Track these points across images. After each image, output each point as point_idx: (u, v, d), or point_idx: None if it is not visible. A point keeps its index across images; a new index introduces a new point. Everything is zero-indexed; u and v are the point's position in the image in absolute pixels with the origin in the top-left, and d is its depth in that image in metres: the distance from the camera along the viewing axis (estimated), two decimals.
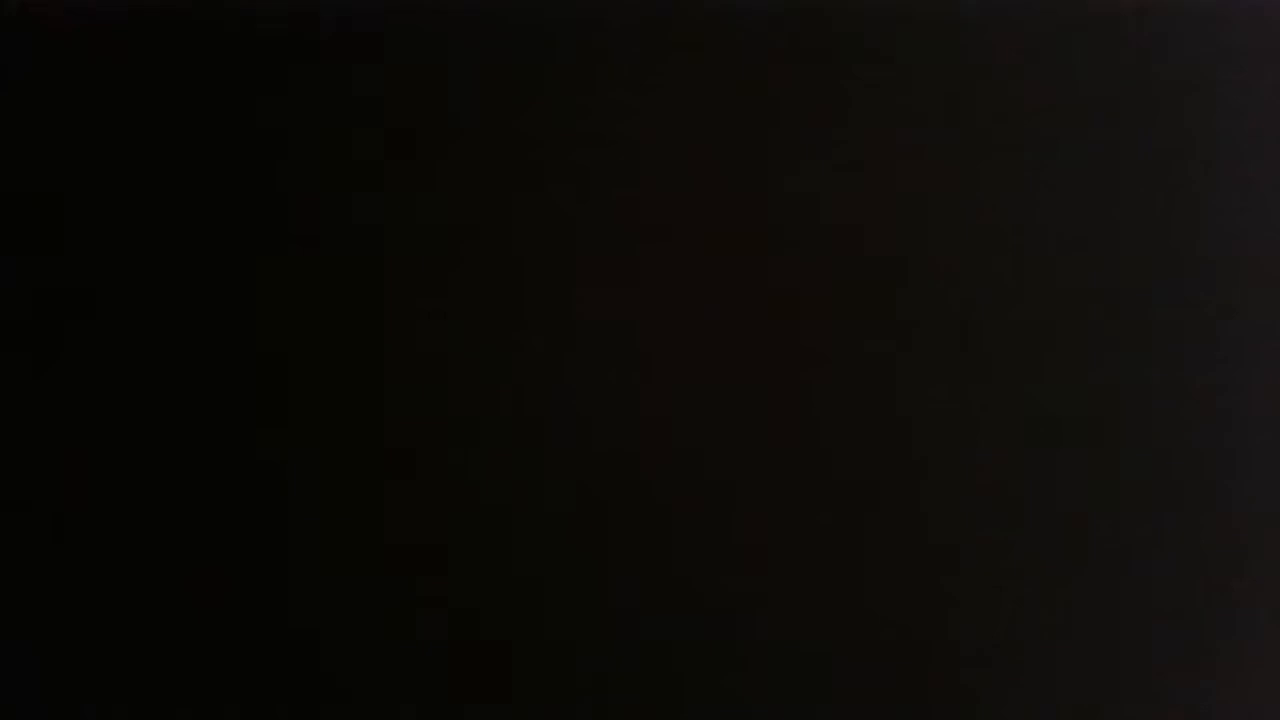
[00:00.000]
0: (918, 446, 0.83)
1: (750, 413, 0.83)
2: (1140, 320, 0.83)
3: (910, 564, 0.83)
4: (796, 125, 0.84)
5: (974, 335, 0.83)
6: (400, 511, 0.83)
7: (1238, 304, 0.84)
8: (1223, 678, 0.83)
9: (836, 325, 0.83)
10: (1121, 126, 0.84)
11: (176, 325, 0.83)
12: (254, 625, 0.83)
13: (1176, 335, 0.83)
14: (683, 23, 0.84)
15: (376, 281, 0.83)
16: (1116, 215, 0.84)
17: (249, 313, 0.83)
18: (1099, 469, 0.83)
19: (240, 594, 0.83)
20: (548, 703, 0.83)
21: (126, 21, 0.84)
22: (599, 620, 0.83)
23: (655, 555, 0.83)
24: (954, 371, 0.83)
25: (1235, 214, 0.84)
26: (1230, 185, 0.84)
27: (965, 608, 0.83)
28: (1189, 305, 0.84)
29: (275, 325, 0.83)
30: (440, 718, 0.83)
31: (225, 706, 0.83)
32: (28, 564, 0.83)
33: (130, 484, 0.83)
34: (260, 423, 0.83)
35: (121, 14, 0.84)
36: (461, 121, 0.84)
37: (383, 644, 0.83)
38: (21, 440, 0.83)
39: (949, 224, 0.83)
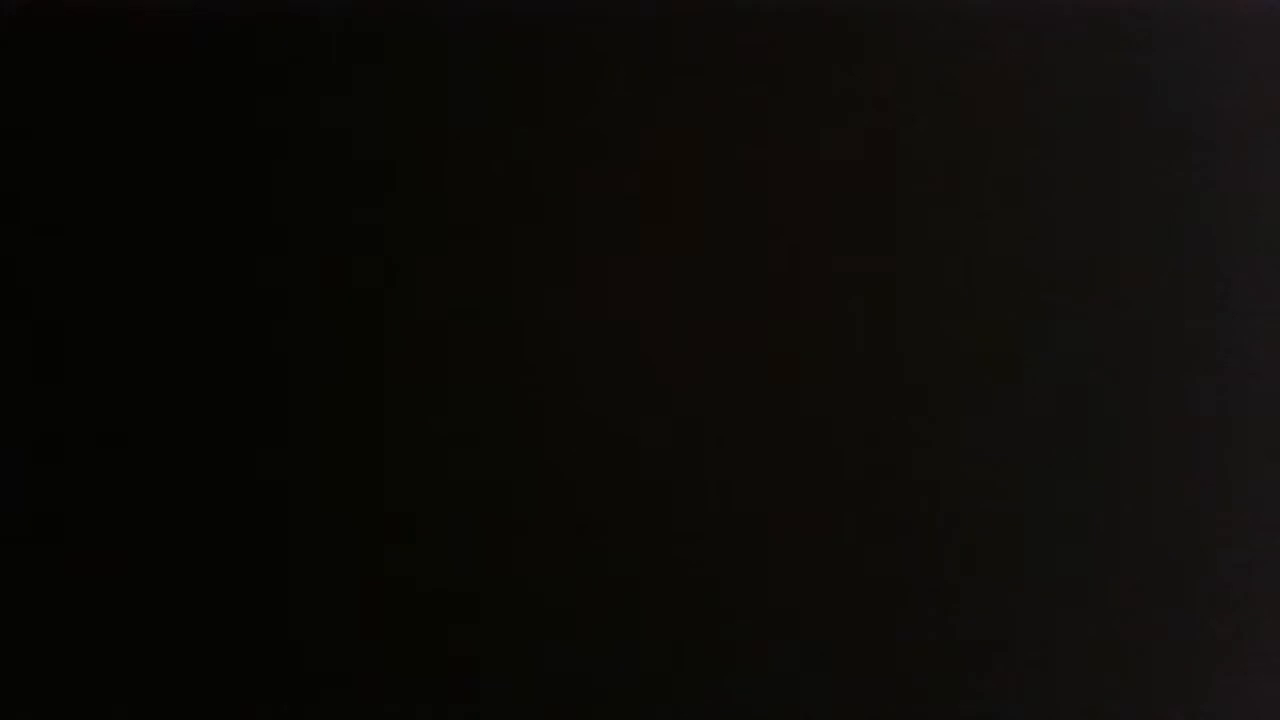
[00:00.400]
0: (918, 447, 0.83)
1: (750, 413, 0.83)
2: (1140, 321, 0.83)
3: (910, 564, 0.83)
4: (795, 125, 0.84)
5: (974, 334, 0.83)
6: (400, 511, 0.83)
7: (1238, 304, 0.84)
8: (1223, 678, 0.83)
9: (836, 325, 0.83)
10: (1121, 127, 0.84)
11: (175, 326, 0.83)
12: (253, 627, 0.83)
13: (1176, 335, 0.84)
14: (683, 22, 0.84)
15: (376, 281, 0.83)
16: (1116, 215, 0.84)
17: (248, 312, 0.83)
18: (1098, 469, 0.83)
19: (239, 595, 0.83)
20: (547, 702, 0.83)
21: (126, 21, 0.84)
22: (598, 619, 0.83)
23: (655, 554, 0.83)
24: (954, 371, 0.83)
25: (1235, 214, 0.84)
26: (1230, 185, 0.84)
27: (965, 604, 0.83)
28: (1189, 305, 0.84)
29: (275, 325, 0.83)
30: (439, 717, 0.83)
31: (222, 707, 0.83)
32: (28, 559, 0.83)
33: (126, 486, 0.83)
34: (259, 423, 0.83)
35: (121, 14, 0.84)
36: (462, 122, 0.84)
37: (382, 645, 0.83)
38: (22, 438, 0.83)
39: (949, 224, 0.83)
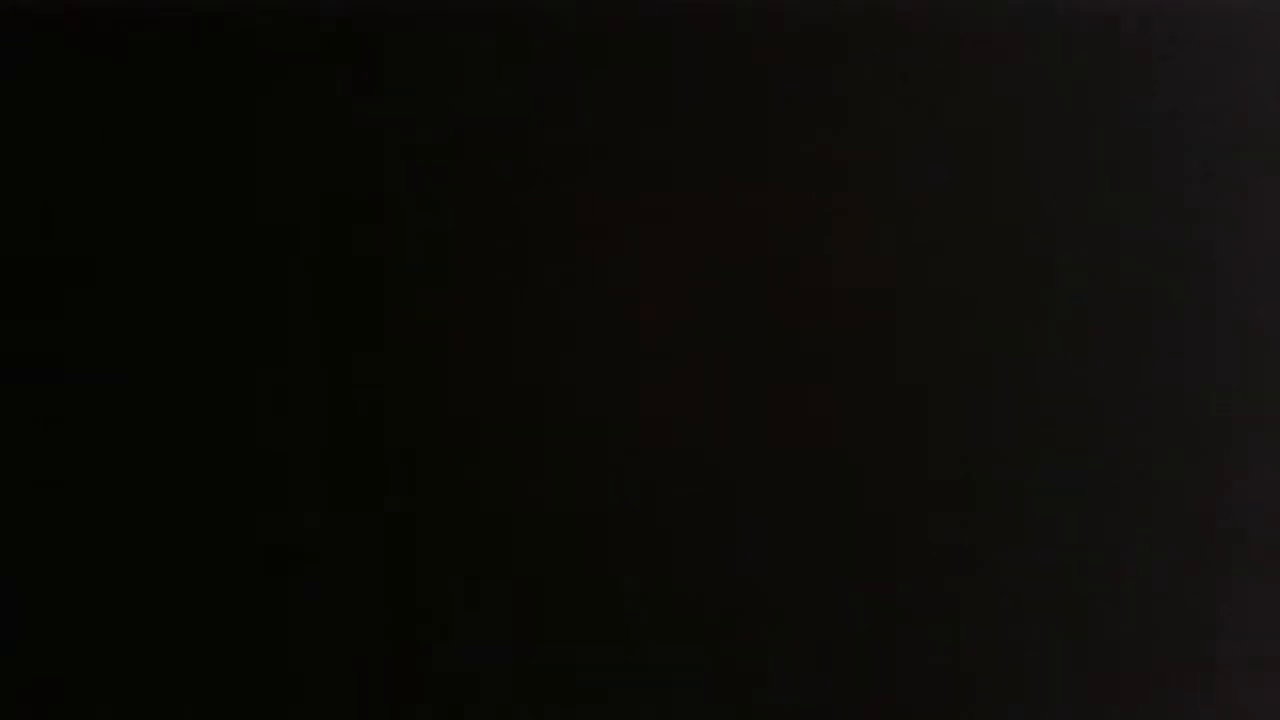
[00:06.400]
0: (918, 448, 0.83)
1: (750, 414, 0.83)
2: (1140, 321, 0.84)
3: (910, 568, 0.83)
4: (797, 125, 0.84)
5: (975, 337, 0.83)
6: (399, 511, 0.83)
7: (1238, 304, 0.84)
8: (1223, 678, 0.83)
9: (836, 327, 0.83)
10: (1122, 127, 0.84)
11: (174, 325, 0.83)
12: (253, 627, 0.83)
13: (1176, 335, 0.84)
14: (683, 22, 0.84)
15: (376, 282, 0.83)
16: (1116, 216, 0.84)
17: (247, 311, 0.83)
18: (1099, 473, 0.83)
19: (239, 594, 0.83)
20: (547, 704, 0.83)
21: (126, 21, 0.84)
22: (599, 620, 0.83)
23: (655, 556, 0.83)
24: (955, 374, 0.83)
25: (1235, 214, 0.84)
26: (1229, 185, 0.84)
27: (965, 609, 0.83)
28: (1189, 306, 0.84)
29: (274, 325, 0.83)
30: (439, 719, 0.83)
31: (221, 709, 0.83)
32: (29, 560, 0.83)
33: (125, 486, 0.83)
34: (258, 423, 0.83)
35: (121, 14, 0.84)
36: (462, 122, 0.84)
37: (382, 647, 0.83)
38: (21, 435, 0.83)
39: (949, 226, 0.84)
